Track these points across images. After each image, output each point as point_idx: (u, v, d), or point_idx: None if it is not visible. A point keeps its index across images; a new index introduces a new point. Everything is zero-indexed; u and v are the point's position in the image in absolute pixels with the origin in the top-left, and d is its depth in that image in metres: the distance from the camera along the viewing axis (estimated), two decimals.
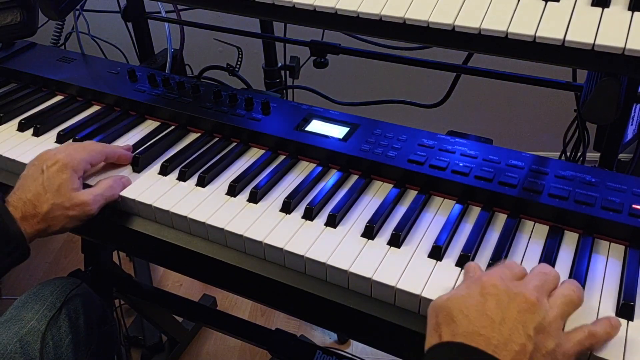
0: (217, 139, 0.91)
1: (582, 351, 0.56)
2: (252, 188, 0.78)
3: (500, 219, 0.74)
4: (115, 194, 0.80)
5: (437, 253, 0.68)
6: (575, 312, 0.61)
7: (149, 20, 1.25)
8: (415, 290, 0.64)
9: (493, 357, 0.51)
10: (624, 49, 0.60)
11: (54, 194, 0.75)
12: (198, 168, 0.83)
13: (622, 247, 0.69)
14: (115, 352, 1.06)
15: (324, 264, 0.68)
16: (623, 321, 0.60)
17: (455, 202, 0.76)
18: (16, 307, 0.90)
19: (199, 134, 0.92)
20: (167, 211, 0.76)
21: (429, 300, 0.62)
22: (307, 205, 0.75)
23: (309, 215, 0.74)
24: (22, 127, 0.95)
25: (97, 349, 0.97)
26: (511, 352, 0.51)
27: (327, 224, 0.73)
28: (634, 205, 0.70)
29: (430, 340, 0.55)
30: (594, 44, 0.62)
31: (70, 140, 0.92)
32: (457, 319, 0.54)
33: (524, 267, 0.61)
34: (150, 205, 0.78)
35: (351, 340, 1.65)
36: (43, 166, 0.78)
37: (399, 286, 0.64)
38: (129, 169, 0.85)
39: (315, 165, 0.84)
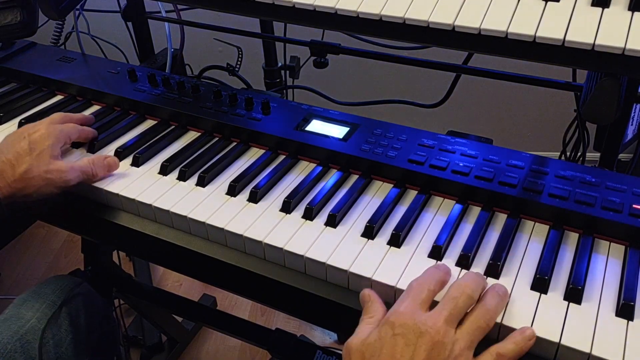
0: (217, 138, 0.91)
1: None
2: (252, 188, 0.78)
3: (500, 219, 0.74)
4: (96, 172, 0.81)
5: (437, 253, 0.68)
6: (575, 312, 0.61)
7: (149, 20, 1.25)
8: None
9: None
10: (624, 49, 0.60)
11: (35, 157, 0.78)
12: (198, 168, 0.83)
13: (622, 247, 0.69)
14: (116, 351, 1.06)
15: (324, 264, 0.68)
16: (623, 321, 0.60)
17: (455, 202, 0.76)
18: (16, 305, 0.90)
19: (199, 134, 0.92)
20: (167, 211, 0.76)
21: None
22: (307, 205, 0.75)
23: (309, 215, 0.74)
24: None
25: (98, 349, 0.97)
26: None
27: (327, 224, 0.73)
28: (634, 205, 0.70)
29: None
30: (594, 44, 0.62)
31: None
32: None
33: (431, 285, 0.60)
34: (150, 205, 0.78)
35: None
36: (25, 134, 0.81)
37: (399, 286, 0.64)
38: (129, 168, 0.85)
39: (315, 165, 0.84)
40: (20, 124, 0.95)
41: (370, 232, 0.71)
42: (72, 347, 0.90)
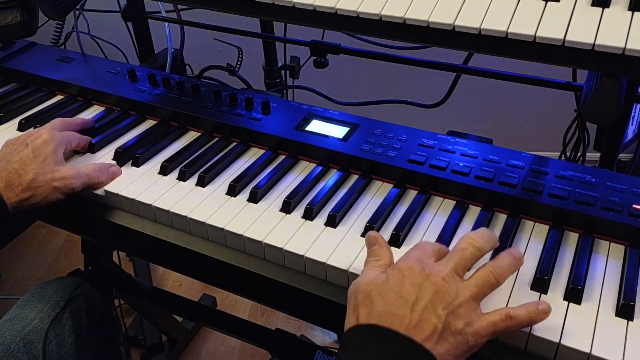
0: (217, 138, 0.91)
1: (497, 332, 0.57)
2: (252, 188, 0.78)
3: (501, 219, 0.74)
4: (101, 179, 0.81)
5: None
6: (575, 312, 0.61)
7: (149, 20, 1.25)
8: None
9: (406, 337, 0.53)
10: (624, 49, 0.60)
11: (40, 164, 0.78)
12: (198, 168, 0.83)
13: (622, 247, 0.69)
14: (117, 351, 1.06)
15: (324, 263, 0.68)
16: (623, 321, 0.60)
17: (455, 202, 0.76)
18: (19, 306, 0.91)
19: (199, 134, 0.92)
20: (167, 211, 0.76)
21: None
22: (307, 205, 0.75)
23: (309, 215, 0.74)
24: (22, 127, 0.95)
25: (100, 348, 0.97)
26: (424, 331, 0.54)
27: (327, 224, 0.73)
28: (634, 205, 0.70)
29: (349, 322, 0.57)
30: (594, 44, 0.62)
31: None
32: (375, 300, 0.56)
33: (443, 246, 0.63)
34: (150, 205, 0.78)
35: None
36: (27, 140, 0.80)
37: None
38: (129, 168, 0.85)
39: (315, 165, 0.84)
40: (20, 124, 0.95)
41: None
42: (74, 347, 0.90)
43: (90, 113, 0.99)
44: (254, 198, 0.77)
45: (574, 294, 0.62)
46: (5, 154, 0.80)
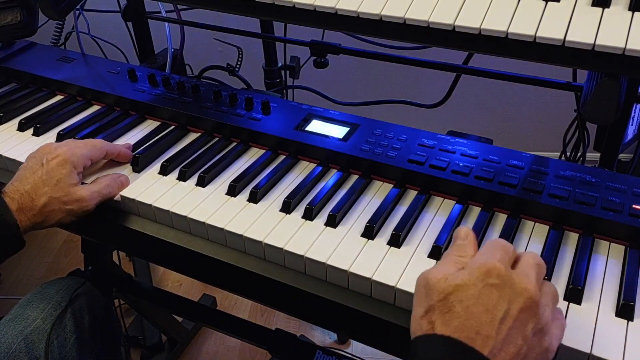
0: (217, 138, 0.91)
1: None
2: (252, 188, 0.78)
3: (501, 219, 0.74)
4: (113, 192, 0.80)
5: (437, 253, 0.68)
6: (575, 312, 0.61)
7: (149, 20, 1.25)
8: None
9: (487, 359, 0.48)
10: (624, 49, 0.60)
11: (53, 187, 0.75)
12: (198, 168, 0.83)
13: (622, 247, 0.69)
14: (118, 351, 1.06)
15: (324, 263, 0.68)
16: (623, 321, 0.60)
17: (455, 202, 0.76)
18: (21, 306, 0.91)
19: (199, 134, 0.92)
20: (167, 211, 0.76)
21: None
22: (307, 205, 0.75)
23: (309, 215, 0.74)
24: (22, 127, 0.95)
25: (101, 348, 0.97)
26: (508, 354, 0.49)
27: (327, 224, 0.73)
28: (634, 205, 0.70)
29: (420, 325, 0.51)
30: (594, 44, 0.62)
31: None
32: (455, 309, 0.50)
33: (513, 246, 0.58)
34: (150, 205, 0.78)
35: (351, 340, 1.65)
36: (43, 160, 0.77)
37: (399, 286, 0.64)
38: (128, 169, 0.85)
39: (315, 165, 0.84)
40: (20, 124, 0.95)
41: (370, 232, 0.71)
42: (75, 347, 0.90)
43: (90, 113, 0.99)
44: (254, 198, 0.77)
45: (574, 294, 0.62)
46: (23, 172, 0.77)
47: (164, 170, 0.84)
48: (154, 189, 0.80)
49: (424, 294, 0.53)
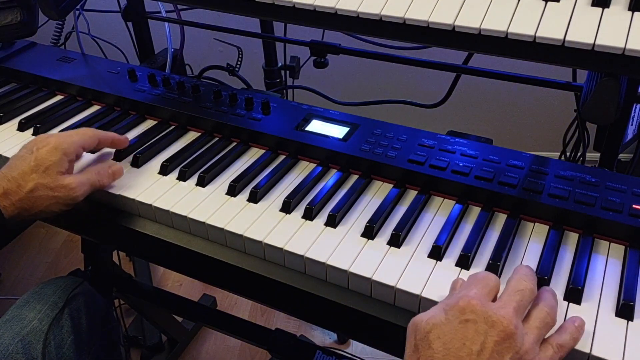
0: (217, 138, 0.91)
1: None
2: (252, 188, 0.78)
3: (500, 219, 0.74)
4: (103, 182, 0.79)
5: (437, 253, 0.68)
6: (575, 312, 0.61)
7: (149, 20, 1.25)
8: (415, 290, 0.64)
9: None
10: (624, 49, 0.60)
11: (41, 174, 0.75)
12: (198, 168, 0.83)
13: (622, 247, 0.69)
14: (117, 351, 1.06)
15: (324, 264, 0.68)
16: (623, 321, 0.60)
17: (455, 202, 0.76)
18: (18, 307, 0.90)
19: (199, 134, 0.92)
20: (167, 211, 0.76)
21: (429, 300, 0.63)
22: (307, 205, 0.75)
23: (309, 215, 0.74)
24: (22, 127, 0.95)
25: (99, 349, 0.97)
26: None
27: (327, 224, 0.73)
28: (634, 205, 0.70)
29: None
30: (594, 44, 0.62)
31: None
32: (434, 345, 0.53)
33: (497, 277, 0.59)
34: (150, 205, 0.78)
35: (351, 340, 1.65)
36: (34, 148, 0.77)
37: (399, 286, 0.64)
38: (128, 168, 0.85)
39: (315, 165, 0.84)
40: (20, 124, 0.95)
41: (370, 232, 0.71)
42: (73, 347, 0.90)
43: (90, 113, 0.99)
44: (254, 198, 0.78)
45: (574, 294, 0.62)
46: (13, 160, 0.77)
47: (164, 170, 0.84)
48: (154, 188, 0.80)
49: (412, 335, 0.56)
